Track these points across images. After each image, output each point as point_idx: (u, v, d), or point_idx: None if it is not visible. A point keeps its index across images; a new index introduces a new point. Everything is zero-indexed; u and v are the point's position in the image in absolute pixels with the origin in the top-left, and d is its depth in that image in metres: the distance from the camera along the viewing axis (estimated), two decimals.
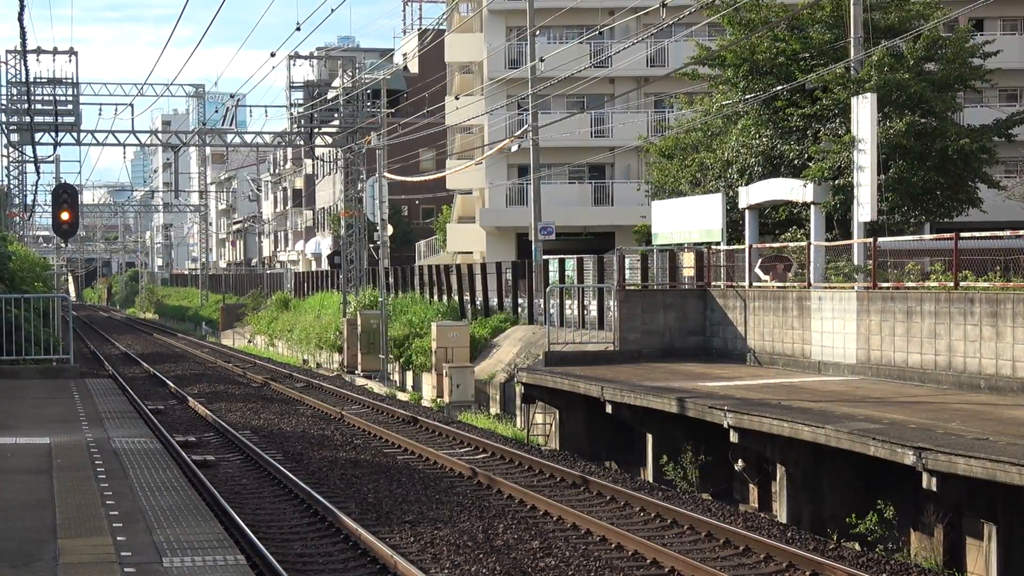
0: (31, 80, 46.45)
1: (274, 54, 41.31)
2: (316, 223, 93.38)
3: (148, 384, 39.67)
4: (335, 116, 50.78)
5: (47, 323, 26.54)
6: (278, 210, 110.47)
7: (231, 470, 22.05)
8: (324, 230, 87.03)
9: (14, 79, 49.34)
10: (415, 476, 21.19)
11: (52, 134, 48.72)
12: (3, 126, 50.91)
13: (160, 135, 58.37)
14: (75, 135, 48.80)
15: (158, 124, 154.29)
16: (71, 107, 48.54)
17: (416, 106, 53.44)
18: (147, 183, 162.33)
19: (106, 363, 46.69)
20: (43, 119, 48.54)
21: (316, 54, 58.53)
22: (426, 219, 75.16)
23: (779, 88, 31.56)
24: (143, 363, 47.75)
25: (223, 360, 50.18)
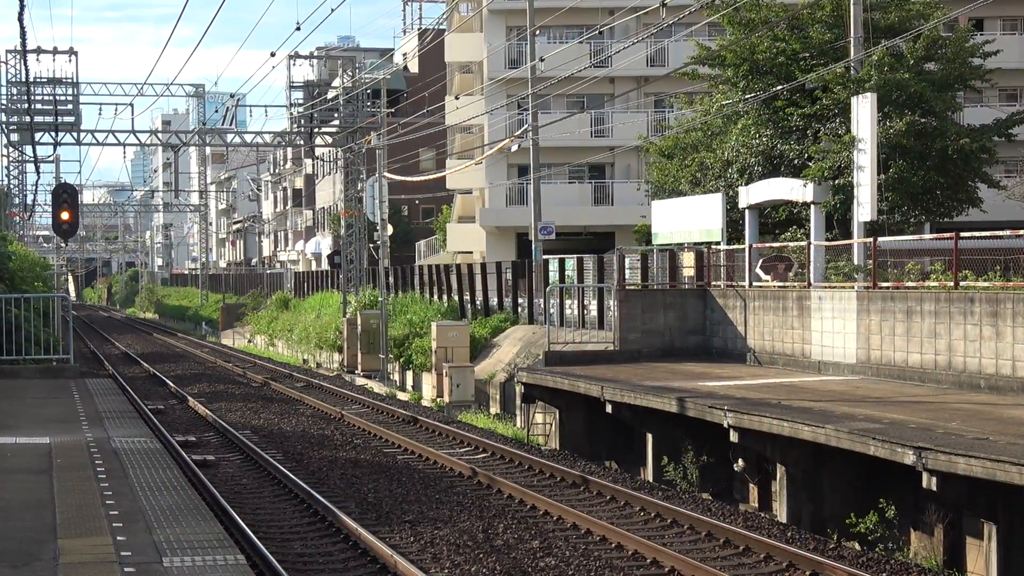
0: (31, 80, 46.48)
1: (274, 54, 41.41)
2: (316, 223, 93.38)
3: (148, 384, 39.67)
4: (335, 116, 50.82)
5: (47, 323, 26.54)
6: (278, 210, 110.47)
7: (231, 470, 22.05)
8: (324, 230, 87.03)
9: (14, 79, 49.38)
10: (415, 476, 21.19)
11: (52, 134, 48.75)
12: (3, 126, 50.93)
13: (160, 135, 58.37)
14: (75, 135, 48.83)
15: (158, 124, 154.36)
16: (71, 107, 48.58)
17: (416, 106, 53.45)
18: (147, 183, 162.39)
19: (106, 363, 46.69)
20: (43, 119, 48.58)
21: (316, 54, 58.53)
22: (426, 219, 75.15)
23: (779, 88, 31.55)
24: (143, 363, 47.75)
25: (223, 360, 50.18)
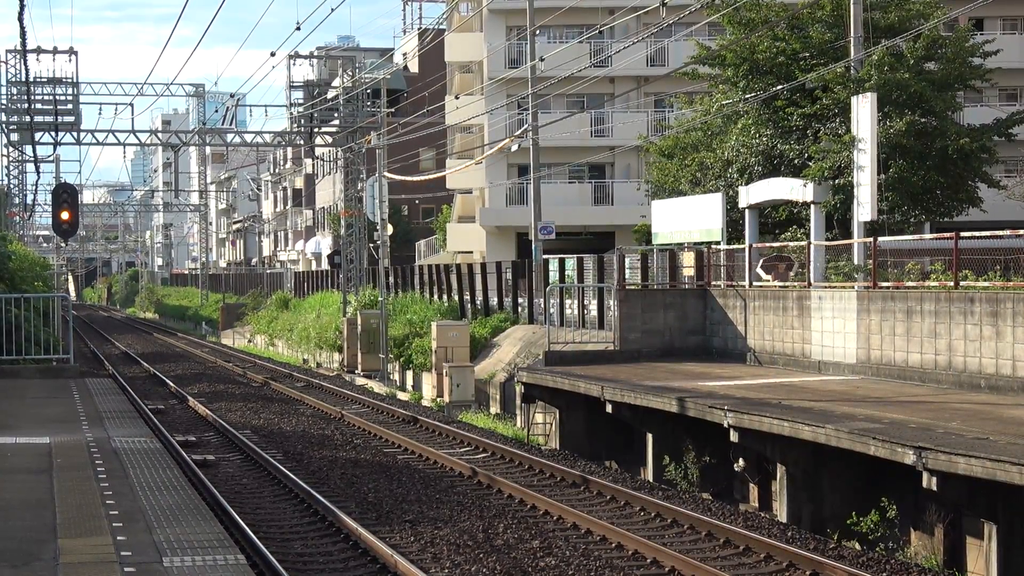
0: (31, 80, 46.48)
1: (274, 54, 41.46)
2: (316, 223, 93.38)
3: (148, 384, 39.66)
4: (335, 116, 50.82)
5: (47, 323, 26.54)
6: (278, 210, 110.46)
7: (231, 470, 22.04)
8: (324, 230, 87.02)
9: (14, 79, 49.39)
10: (415, 475, 21.18)
11: (52, 134, 48.75)
12: (3, 126, 50.94)
13: (160, 135, 58.35)
14: (75, 135, 48.83)
15: (158, 124, 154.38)
16: (71, 107, 48.59)
17: (416, 106, 53.44)
18: (147, 183, 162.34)
19: (106, 363, 46.68)
20: (43, 119, 48.59)
21: (316, 54, 58.53)
22: (426, 219, 75.14)
23: (779, 88, 31.54)
24: (143, 363, 47.75)
25: (223, 360, 50.17)
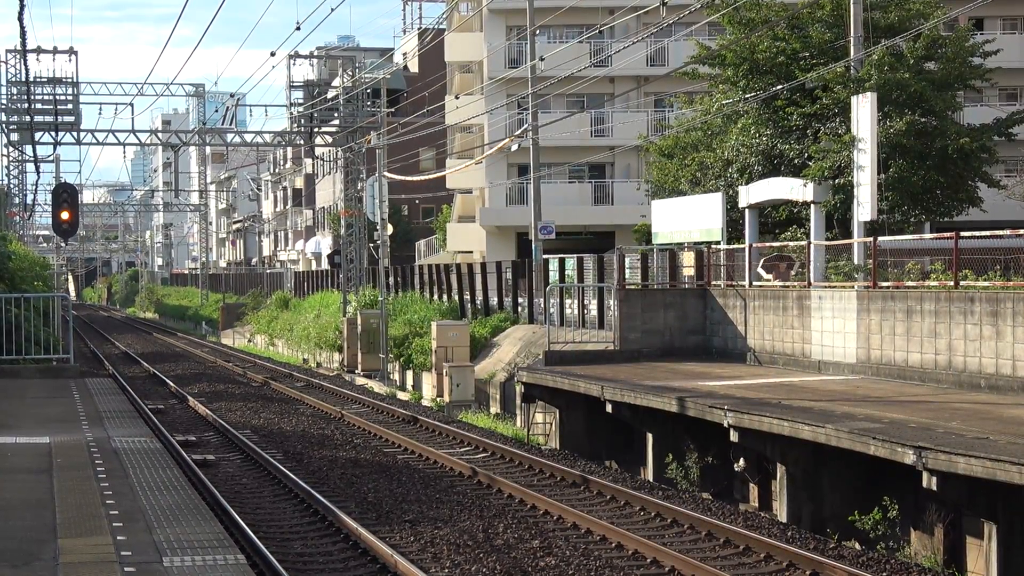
0: (31, 79, 46.49)
1: (274, 54, 41.43)
2: (316, 223, 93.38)
3: (148, 383, 39.65)
4: (335, 116, 50.84)
5: (47, 323, 26.55)
6: (278, 209, 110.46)
7: (231, 469, 22.03)
8: (324, 229, 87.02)
9: (14, 78, 49.40)
10: (415, 475, 21.18)
11: (52, 133, 48.77)
12: (3, 125, 50.93)
13: (160, 135, 58.36)
14: (75, 134, 48.84)
15: (158, 123, 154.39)
16: (71, 106, 48.61)
17: (416, 105, 53.47)
18: (147, 182, 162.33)
19: (106, 362, 46.68)
20: (43, 118, 48.61)
21: (316, 53, 58.55)
22: (426, 219, 75.14)
23: (779, 87, 31.53)
24: (143, 362, 47.74)
25: (223, 359, 50.18)
